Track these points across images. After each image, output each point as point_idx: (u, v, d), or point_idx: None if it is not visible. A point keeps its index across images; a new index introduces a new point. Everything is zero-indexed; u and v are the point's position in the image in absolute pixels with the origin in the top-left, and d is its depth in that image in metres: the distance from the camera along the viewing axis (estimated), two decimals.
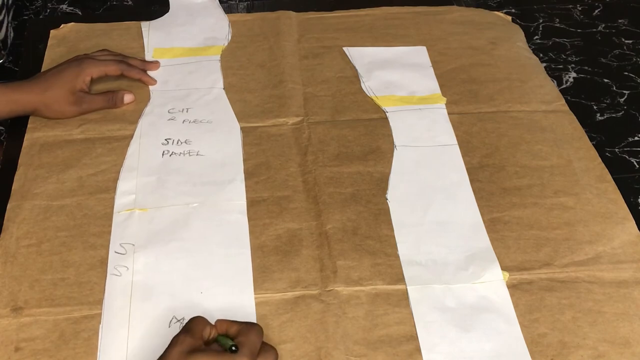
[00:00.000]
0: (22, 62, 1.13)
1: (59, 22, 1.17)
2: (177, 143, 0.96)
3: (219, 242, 0.84)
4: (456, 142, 0.97)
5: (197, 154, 0.95)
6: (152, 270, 0.80)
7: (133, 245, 0.83)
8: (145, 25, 1.17)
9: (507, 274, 0.81)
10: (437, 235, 0.85)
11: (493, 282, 0.80)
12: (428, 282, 0.80)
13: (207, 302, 0.77)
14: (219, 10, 1.21)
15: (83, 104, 0.99)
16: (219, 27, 1.17)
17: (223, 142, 0.97)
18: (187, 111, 1.01)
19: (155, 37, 1.14)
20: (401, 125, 1.00)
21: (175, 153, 0.95)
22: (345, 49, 1.13)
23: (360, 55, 1.12)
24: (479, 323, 0.76)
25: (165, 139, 0.97)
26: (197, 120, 1.00)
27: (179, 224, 0.85)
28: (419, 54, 1.13)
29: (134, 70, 1.04)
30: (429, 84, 1.07)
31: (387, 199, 0.89)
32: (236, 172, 0.92)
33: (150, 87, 1.05)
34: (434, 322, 0.76)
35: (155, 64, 1.08)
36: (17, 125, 0.99)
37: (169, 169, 0.93)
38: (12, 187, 0.90)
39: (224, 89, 1.05)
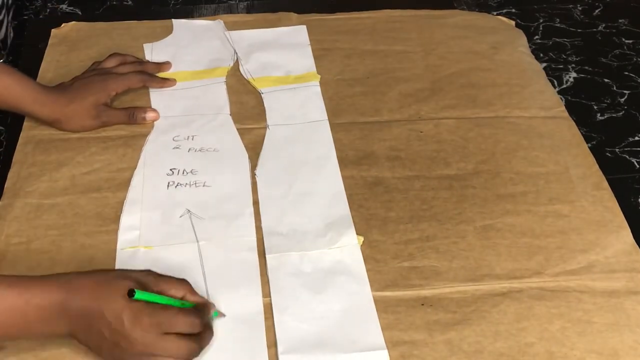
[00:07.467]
0: (22, 62, 1.13)
1: (59, 22, 1.17)
2: (183, 173, 0.92)
3: (227, 284, 0.79)
4: (326, 118, 0.99)
5: (203, 185, 0.90)
6: None
7: None
8: (147, 47, 1.12)
9: (361, 238, 0.83)
10: (300, 206, 0.88)
11: (348, 247, 0.82)
12: (287, 250, 0.82)
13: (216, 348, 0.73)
14: (224, 34, 1.15)
15: (103, 118, 0.98)
16: (224, 48, 1.12)
17: (230, 173, 0.92)
18: (192, 139, 0.97)
19: (158, 61, 1.09)
20: (275, 105, 1.01)
21: (180, 184, 0.90)
22: (226, 32, 1.14)
23: (240, 38, 1.13)
24: (331, 285, 0.78)
25: (170, 169, 0.92)
26: (204, 148, 0.95)
27: (185, 264, 0.80)
28: (298, 33, 1.15)
29: (155, 80, 1.05)
30: (305, 62, 1.09)
31: (255, 175, 0.91)
32: (245, 204, 0.88)
33: None
34: (287, 286, 0.78)
35: (167, 65, 1.08)
36: (17, 125, 0.99)
37: (175, 201, 0.88)
38: (5, 185, 0.90)
39: (230, 114, 1.01)
